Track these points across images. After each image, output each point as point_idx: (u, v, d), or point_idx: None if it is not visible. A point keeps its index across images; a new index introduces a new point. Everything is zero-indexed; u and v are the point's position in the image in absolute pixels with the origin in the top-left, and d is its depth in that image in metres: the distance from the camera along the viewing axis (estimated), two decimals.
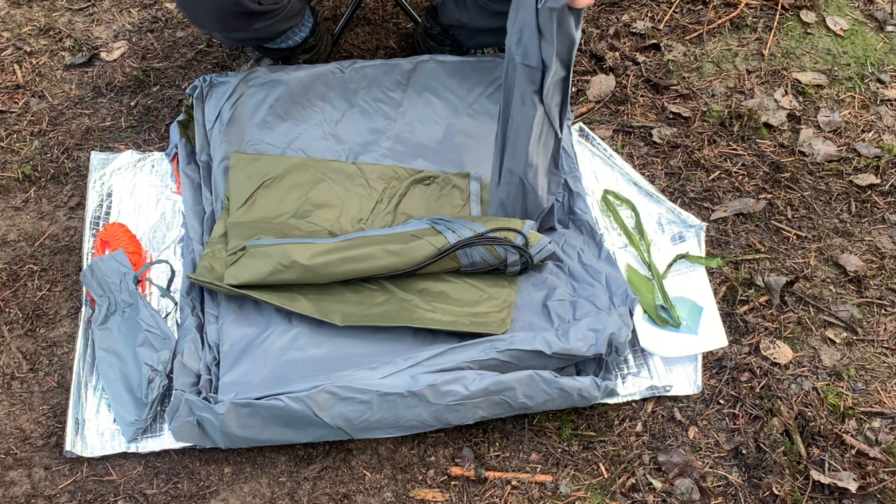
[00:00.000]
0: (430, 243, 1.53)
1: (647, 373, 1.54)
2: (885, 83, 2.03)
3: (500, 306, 1.56)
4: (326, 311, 1.51)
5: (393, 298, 1.54)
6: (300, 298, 1.52)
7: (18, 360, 1.55)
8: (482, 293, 1.57)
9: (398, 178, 1.73)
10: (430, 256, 1.53)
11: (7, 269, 1.67)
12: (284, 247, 1.51)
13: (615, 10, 2.17)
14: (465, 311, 1.53)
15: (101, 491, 1.41)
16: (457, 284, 1.58)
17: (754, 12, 2.18)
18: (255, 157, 1.70)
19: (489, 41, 1.92)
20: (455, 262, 1.57)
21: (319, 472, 1.44)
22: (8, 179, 1.80)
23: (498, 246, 1.56)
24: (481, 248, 1.56)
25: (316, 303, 1.52)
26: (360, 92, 1.84)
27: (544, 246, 1.59)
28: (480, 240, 1.55)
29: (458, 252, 1.55)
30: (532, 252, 1.58)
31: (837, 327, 1.63)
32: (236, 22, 1.59)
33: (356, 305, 1.53)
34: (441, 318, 1.51)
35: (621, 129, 1.93)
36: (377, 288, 1.56)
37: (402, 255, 1.53)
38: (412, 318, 1.51)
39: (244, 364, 1.47)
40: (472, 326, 1.50)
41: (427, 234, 1.55)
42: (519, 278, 1.61)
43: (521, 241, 1.57)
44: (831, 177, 1.86)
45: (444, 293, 1.56)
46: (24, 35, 2.07)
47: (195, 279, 1.52)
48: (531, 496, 1.42)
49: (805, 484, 1.43)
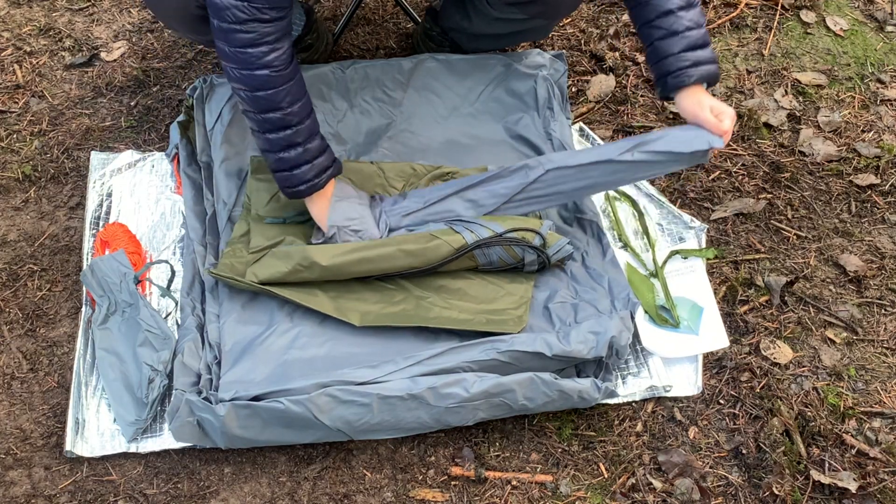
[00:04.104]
0: (447, 243, 1.54)
1: (647, 373, 1.54)
2: (885, 83, 2.03)
3: (517, 303, 1.56)
4: (344, 309, 1.52)
5: (410, 296, 1.55)
6: (319, 294, 1.53)
7: (18, 360, 1.55)
8: (500, 289, 1.57)
9: (417, 176, 1.73)
10: (448, 256, 1.53)
11: (7, 269, 1.67)
12: (304, 248, 1.52)
13: (615, 10, 2.17)
14: (483, 309, 1.54)
15: (101, 491, 1.41)
16: (474, 281, 1.58)
17: (754, 12, 2.18)
18: None
19: (489, 46, 1.92)
20: (472, 262, 1.57)
21: (319, 472, 1.44)
22: (8, 179, 1.80)
23: (516, 246, 1.56)
24: (499, 248, 1.56)
25: (335, 301, 1.53)
26: (361, 92, 1.84)
27: (562, 247, 1.59)
28: (498, 240, 1.55)
29: (475, 251, 1.55)
30: (550, 253, 1.58)
31: (837, 327, 1.63)
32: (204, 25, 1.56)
33: (374, 304, 1.54)
34: (458, 315, 1.52)
35: (621, 129, 1.93)
36: (394, 286, 1.56)
37: (420, 256, 1.53)
38: (429, 317, 1.52)
39: (245, 363, 1.47)
40: (489, 325, 1.50)
41: (445, 234, 1.55)
42: (535, 275, 1.62)
43: (538, 241, 1.57)
44: (831, 177, 1.86)
45: (462, 290, 1.56)
46: (24, 35, 2.07)
47: (217, 274, 1.52)
48: (531, 496, 1.42)
49: (805, 484, 1.43)
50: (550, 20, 1.77)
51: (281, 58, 1.41)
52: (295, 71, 1.45)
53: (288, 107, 1.44)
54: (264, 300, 1.55)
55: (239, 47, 1.38)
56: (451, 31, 1.89)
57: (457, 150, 1.81)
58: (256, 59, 1.39)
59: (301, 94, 1.46)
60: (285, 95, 1.43)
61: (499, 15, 1.70)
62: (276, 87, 1.42)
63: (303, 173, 1.49)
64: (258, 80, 1.40)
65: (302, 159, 1.48)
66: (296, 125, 1.46)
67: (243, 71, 1.40)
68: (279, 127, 1.45)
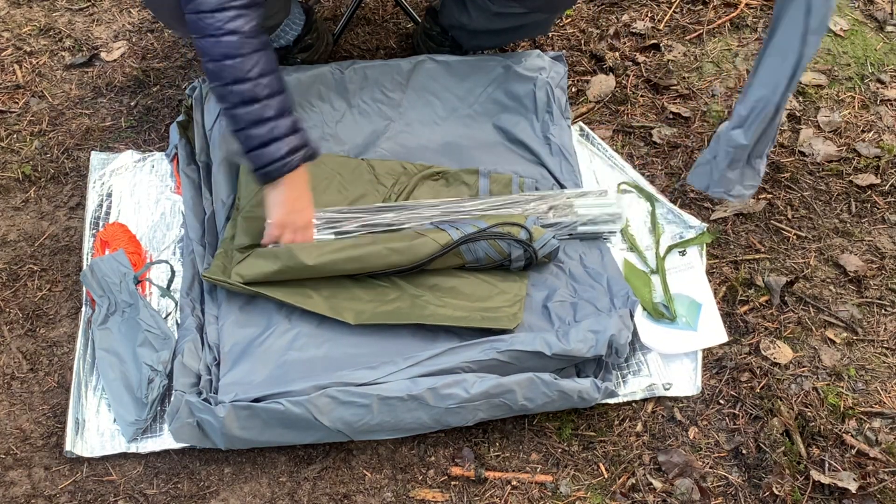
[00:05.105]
0: (433, 240, 1.54)
1: (647, 371, 1.54)
2: (885, 83, 2.03)
3: (511, 300, 1.56)
4: (339, 309, 1.52)
5: (404, 295, 1.55)
6: (314, 296, 1.53)
7: (18, 360, 1.55)
8: (494, 288, 1.58)
9: (407, 174, 1.73)
10: (434, 252, 1.54)
11: (7, 269, 1.67)
12: (289, 247, 1.51)
13: (615, 10, 2.17)
14: (477, 307, 1.54)
15: (101, 491, 1.41)
16: (468, 280, 1.58)
17: (754, 12, 2.18)
18: None
19: (489, 43, 1.92)
20: (459, 259, 1.57)
21: (319, 472, 1.44)
22: (8, 179, 1.80)
23: (501, 241, 1.56)
24: (484, 244, 1.56)
25: (329, 300, 1.53)
26: (360, 92, 1.84)
27: (548, 241, 1.59)
28: (483, 235, 1.55)
29: (461, 248, 1.55)
30: (536, 247, 1.58)
31: (837, 327, 1.63)
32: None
33: (369, 303, 1.53)
34: (452, 313, 1.52)
35: (621, 129, 1.93)
36: (388, 285, 1.56)
37: (406, 253, 1.53)
38: (424, 314, 1.52)
39: (244, 364, 1.47)
40: (484, 322, 1.50)
41: (431, 231, 1.56)
42: (528, 273, 1.61)
43: (524, 235, 1.57)
44: (831, 177, 1.86)
45: (456, 288, 1.56)
46: (24, 35, 2.07)
47: (208, 277, 1.52)
48: (531, 496, 1.42)
49: (805, 484, 1.43)
50: (550, 14, 1.77)
51: (249, 24, 1.38)
52: (264, 44, 1.42)
53: (256, 77, 1.40)
54: (262, 302, 1.54)
55: (205, 12, 1.36)
56: (451, 29, 1.89)
57: (455, 151, 1.81)
58: (223, 24, 1.36)
59: (271, 68, 1.43)
60: (253, 65, 1.40)
61: (498, 9, 1.71)
62: (244, 55, 1.38)
63: (273, 150, 1.44)
64: (224, 48, 1.38)
65: (271, 136, 1.43)
66: (264, 98, 1.42)
67: (209, 39, 1.38)
68: (247, 100, 1.41)
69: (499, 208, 1.65)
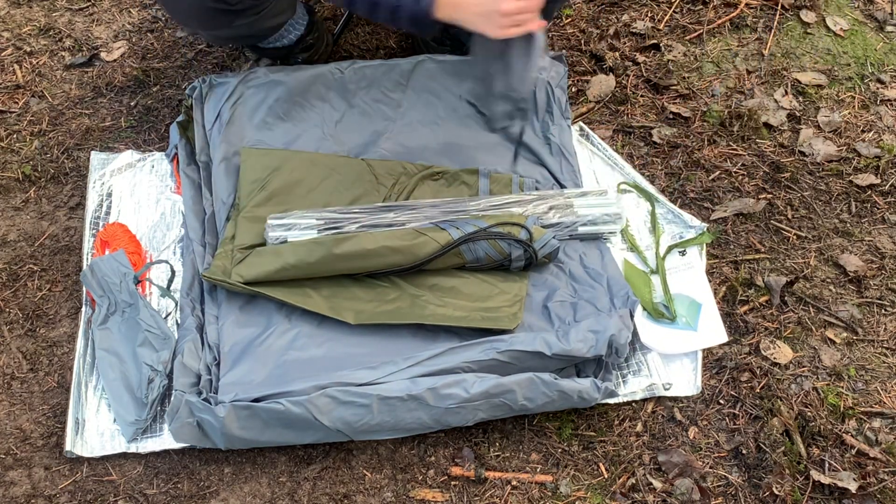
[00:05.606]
0: (433, 240, 1.54)
1: (647, 371, 1.54)
2: (885, 83, 2.03)
3: (511, 300, 1.56)
4: (339, 308, 1.52)
5: (404, 294, 1.55)
6: (313, 295, 1.53)
7: (18, 360, 1.55)
8: (494, 288, 1.58)
9: (407, 174, 1.73)
10: (434, 252, 1.54)
11: (7, 269, 1.67)
12: (289, 245, 1.51)
13: (615, 10, 2.17)
14: (477, 307, 1.54)
15: (101, 491, 1.41)
16: (468, 280, 1.58)
17: (754, 12, 2.18)
18: (264, 151, 1.70)
19: None
20: (459, 259, 1.57)
21: (319, 472, 1.44)
22: (8, 179, 1.80)
23: (502, 241, 1.56)
24: (485, 244, 1.56)
25: (329, 300, 1.53)
26: (360, 92, 1.84)
27: (548, 241, 1.59)
28: (484, 234, 1.55)
29: (461, 248, 1.55)
30: (536, 247, 1.58)
31: (837, 327, 1.63)
32: (217, 19, 1.55)
33: (369, 303, 1.54)
34: (452, 313, 1.52)
35: (621, 129, 1.93)
36: (388, 284, 1.56)
37: (406, 253, 1.53)
38: (424, 314, 1.52)
39: (244, 364, 1.47)
40: (484, 322, 1.50)
41: (431, 231, 1.56)
42: (529, 273, 1.62)
43: (524, 235, 1.57)
44: (831, 177, 1.86)
45: (456, 288, 1.56)
46: (24, 35, 2.07)
47: (208, 277, 1.52)
48: (531, 496, 1.42)
49: (805, 484, 1.43)
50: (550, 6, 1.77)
51: None
52: None
53: None
54: (262, 301, 1.54)
55: None
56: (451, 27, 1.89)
57: (456, 152, 1.80)
58: None
59: None
60: None
61: None
62: None
63: None
64: None
65: None
66: None
67: None
68: None
69: (499, 208, 1.65)
